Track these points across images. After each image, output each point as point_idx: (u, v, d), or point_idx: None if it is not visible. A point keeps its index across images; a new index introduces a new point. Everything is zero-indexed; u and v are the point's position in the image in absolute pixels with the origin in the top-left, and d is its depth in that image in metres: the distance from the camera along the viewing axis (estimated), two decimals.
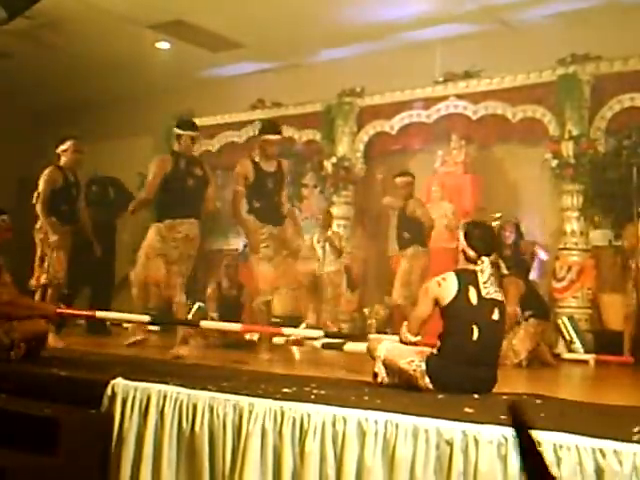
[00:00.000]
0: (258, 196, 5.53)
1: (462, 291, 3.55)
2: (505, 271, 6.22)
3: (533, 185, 7.68)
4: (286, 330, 5.96)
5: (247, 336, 6.65)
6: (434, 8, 7.56)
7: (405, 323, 3.85)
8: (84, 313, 5.19)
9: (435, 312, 3.68)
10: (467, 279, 3.60)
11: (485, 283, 3.59)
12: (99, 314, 5.64)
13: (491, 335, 3.60)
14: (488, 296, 3.58)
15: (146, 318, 5.49)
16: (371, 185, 8.28)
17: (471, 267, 3.66)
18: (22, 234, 8.63)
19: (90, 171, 8.87)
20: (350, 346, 5.38)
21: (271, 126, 5.80)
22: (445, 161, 8.14)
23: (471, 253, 3.66)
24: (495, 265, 5.83)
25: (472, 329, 3.51)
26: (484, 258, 3.64)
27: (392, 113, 8.51)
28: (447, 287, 3.58)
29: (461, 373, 3.50)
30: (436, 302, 3.61)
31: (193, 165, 5.59)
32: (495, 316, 3.59)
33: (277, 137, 5.60)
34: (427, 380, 3.52)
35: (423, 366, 3.53)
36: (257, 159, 5.58)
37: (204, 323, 5.93)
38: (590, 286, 7.17)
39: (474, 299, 3.55)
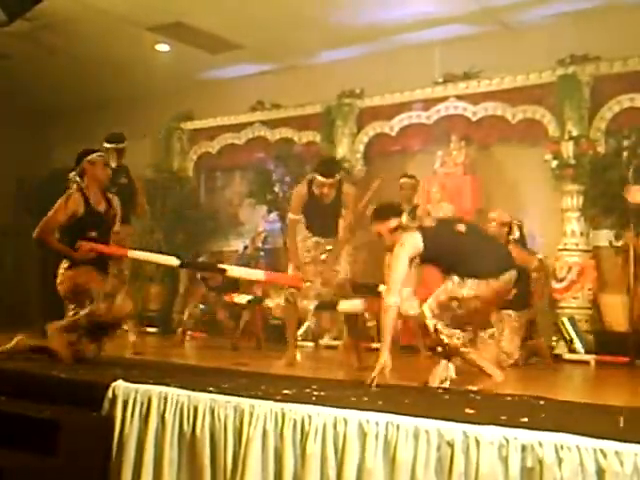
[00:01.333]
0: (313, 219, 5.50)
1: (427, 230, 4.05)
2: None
3: (533, 186, 7.67)
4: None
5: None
6: (433, 9, 7.56)
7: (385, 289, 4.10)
8: (116, 251, 4.97)
9: None
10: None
11: None
12: (131, 253, 5.46)
13: (476, 228, 4.31)
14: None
15: (175, 260, 5.39)
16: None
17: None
18: (20, 236, 8.64)
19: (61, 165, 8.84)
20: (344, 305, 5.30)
21: (326, 166, 5.47)
22: (445, 162, 8.13)
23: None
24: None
25: (457, 232, 4.02)
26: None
27: (392, 114, 8.51)
28: (413, 238, 3.97)
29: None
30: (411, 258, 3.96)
31: (119, 174, 5.96)
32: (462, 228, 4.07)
33: (328, 180, 5.30)
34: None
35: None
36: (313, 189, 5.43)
37: (230, 269, 5.69)
38: (590, 287, 7.16)
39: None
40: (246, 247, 8.71)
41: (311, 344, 7.92)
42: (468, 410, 2.98)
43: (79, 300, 4.71)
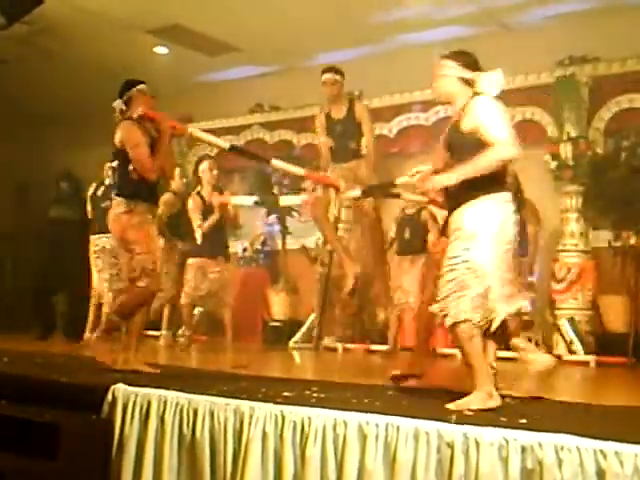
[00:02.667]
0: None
1: None
2: None
3: (532, 186, 7.66)
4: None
5: None
6: (432, 11, 7.57)
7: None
8: (176, 124, 4.88)
9: None
10: None
11: None
12: (193, 130, 5.35)
13: None
14: None
15: (226, 144, 5.34)
16: None
17: None
18: (19, 239, 8.62)
19: (61, 169, 8.88)
20: None
21: (327, 68, 5.79)
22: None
23: None
24: None
25: None
26: None
27: (391, 116, 8.51)
28: None
29: None
30: None
31: None
32: None
33: (330, 76, 5.65)
34: None
35: None
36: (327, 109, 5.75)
37: (274, 162, 5.45)
38: (590, 287, 7.16)
39: None
40: (245, 249, 8.72)
41: (310, 345, 7.92)
42: (467, 412, 2.98)
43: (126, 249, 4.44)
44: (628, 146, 6.96)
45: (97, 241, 6.93)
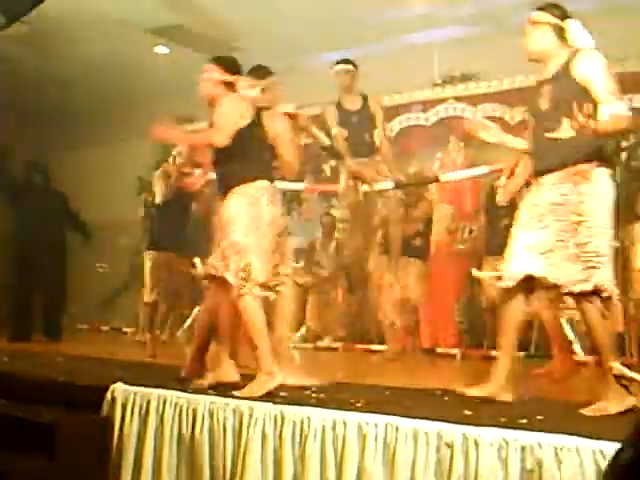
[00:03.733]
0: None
1: None
2: None
3: None
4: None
5: None
6: (432, 11, 7.57)
7: None
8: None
9: None
10: None
11: None
12: None
13: None
14: None
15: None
16: None
17: None
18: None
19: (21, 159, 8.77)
20: None
21: (340, 60, 5.79)
22: (444, 164, 8.13)
23: None
24: None
25: None
26: None
27: (390, 116, 8.50)
28: None
29: None
30: None
31: None
32: None
33: (343, 66, 5.71)
34: None
35: None
36: (339, 99, 5.68)
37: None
38: None
39: None
40: None
41: (310, 345, 7.91)
42: (466, 412, 2.98)
43: None
44: (628, 146, 6.96)
45: None
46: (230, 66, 3.85)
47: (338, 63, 5.72)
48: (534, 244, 3.15)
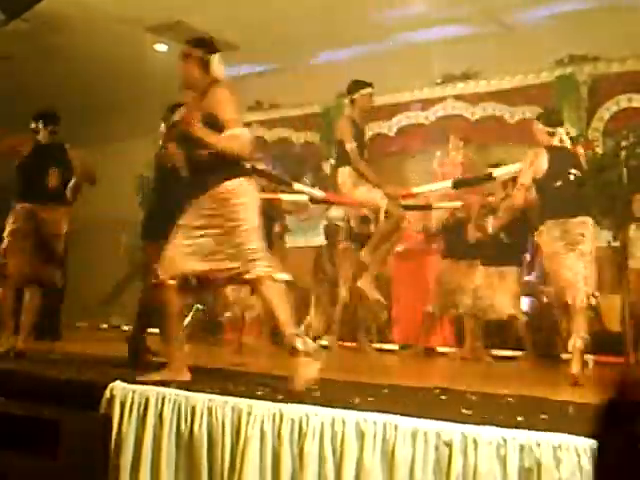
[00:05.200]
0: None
1: None
2: None
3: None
4: None
5: None
6: (432, 10, 7.57)
7: None
8: None
9: None
10: None
11: None
12: None
13: None
14: None
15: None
16: None
17: None
18: None
19: None
20: None
21: (363, 82, 5.75)
22: (443, 162, 8.13)
23: None
24: None
25: None
26: None
27: (390, 115, 8.51)
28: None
29: None
30: None
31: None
32: None
33: (369, 90, 5.69)
34: None
35: None
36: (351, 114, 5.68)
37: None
38: None
39: None
40: None
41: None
42: (465, 410, 2.98)
43: None
44: (627, 145, 6.95)
45: None
46: (209, 47, 3.92)
47: (362, 86, 5.66)
48: None
